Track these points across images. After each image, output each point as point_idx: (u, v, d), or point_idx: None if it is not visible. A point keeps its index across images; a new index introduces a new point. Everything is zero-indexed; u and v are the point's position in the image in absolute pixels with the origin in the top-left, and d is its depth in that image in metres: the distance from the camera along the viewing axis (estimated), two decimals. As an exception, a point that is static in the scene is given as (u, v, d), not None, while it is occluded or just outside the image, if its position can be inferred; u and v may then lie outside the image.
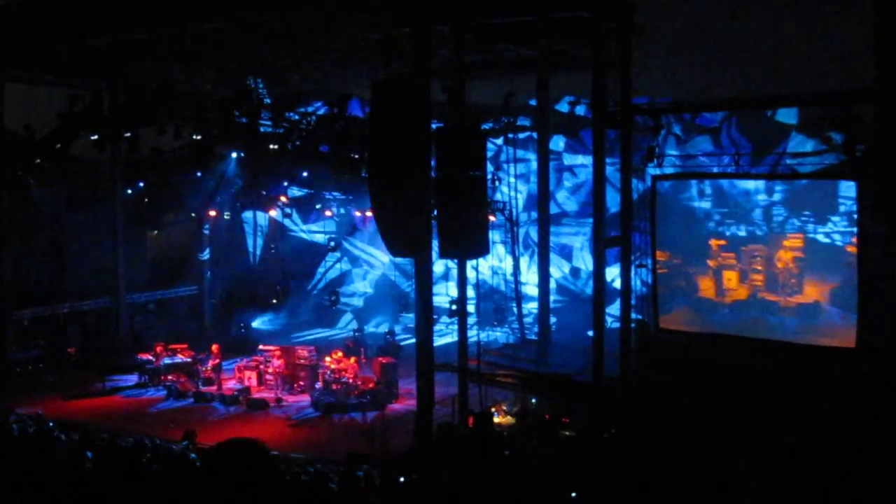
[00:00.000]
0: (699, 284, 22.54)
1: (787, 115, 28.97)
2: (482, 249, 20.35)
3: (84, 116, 24.37)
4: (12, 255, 29.01)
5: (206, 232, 34.84)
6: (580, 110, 32.50)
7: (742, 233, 22.11)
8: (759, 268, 21.82)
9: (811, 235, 21.13)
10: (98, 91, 24.67)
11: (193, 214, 34.59)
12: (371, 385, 25.19)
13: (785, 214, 21.64)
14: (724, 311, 22.30)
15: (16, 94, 27.85)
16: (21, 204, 28.62)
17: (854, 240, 20.20)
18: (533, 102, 27.68)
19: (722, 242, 22.26)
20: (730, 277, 22.28)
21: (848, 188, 20.48)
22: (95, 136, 24.53)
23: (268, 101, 26.83)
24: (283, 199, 33.96)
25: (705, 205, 22.58)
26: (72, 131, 25.12)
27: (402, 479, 14.08)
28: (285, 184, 34.09)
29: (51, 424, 17.66)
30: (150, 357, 27.76)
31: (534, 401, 22.50)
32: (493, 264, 28.48)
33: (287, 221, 36.30)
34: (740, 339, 21.62)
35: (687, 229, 22.66)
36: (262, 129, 26.45)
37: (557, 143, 32.30)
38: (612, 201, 23.66)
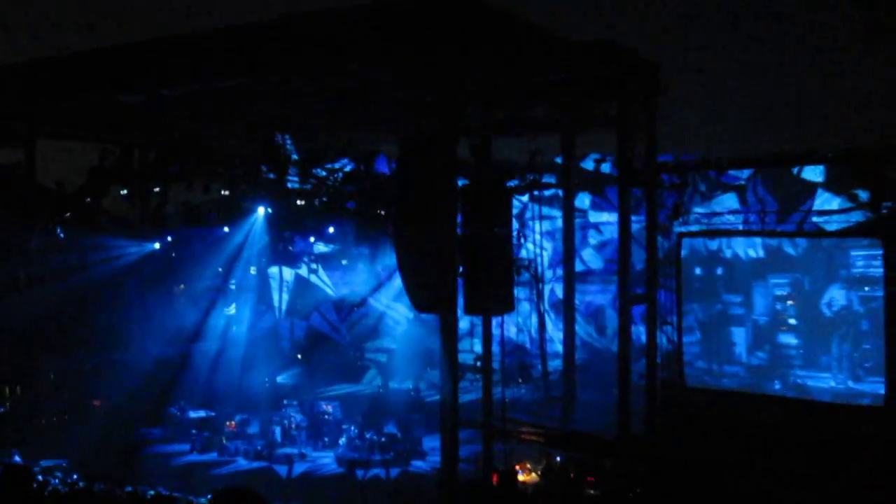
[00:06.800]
0: (724, 341, 22.29)
1: (812, 173, 28.90)
2: (507, 306, 20.30)
3: (114, 171, 24.66)
4: (39, 307, 29.21)
5: (233, 287, 34.96)
6: (606, 168, 32.55)
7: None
8: (792, 321, 20.66)
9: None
10: (128, 146, 24.98)
11: (220, 269, 34.77)
12: (395, 441, 25.12)
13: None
14: (750, 370, 21.66)
15: (47, 149, 28.22)
16: (50, 257, 28.88)
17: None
18: (559, 160, 27.79)
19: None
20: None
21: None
22: (125, 191, 24.80)
23: (295, 157, 27.06)
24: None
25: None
26: (102, 186, 25.42)
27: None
28: (312, 239, 34.29)
29: (75, 476, 17.71)
30: (175, 411, 27.81)
31: (559, 459, 22.36)
32: (518, 321, 28.42)
33: (313, 277, 36.41)
34: (768, 398, 21.33)
35: (709, 280, 22.15)
36: (289, 185, 26.67)
37: (583, 200, 32.36)
38: (638, 258, 23.62)
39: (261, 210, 31.18)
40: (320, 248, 35.00)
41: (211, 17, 37.13)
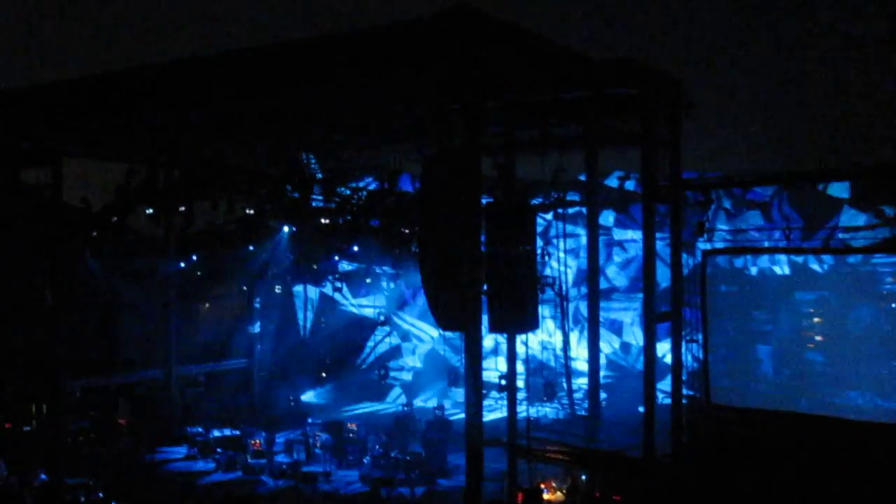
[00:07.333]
0: (751, 358, 22.03)
1: (838, 190, 28.75)
2: (532, 324, 20.27)
3: (140, 191, 24.81)
4: (64, 325, 29.33)
5: (258, 306, 35.04)
6: (630, 185, 32.50)
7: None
8: (819, 338, 20.30)
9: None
10: (154, 166, 25.12)
11: (245, 288, 34.84)
12: (420, 460, 25.06)
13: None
14: (776, 388, 21.36)
15: (73, 169, 28.42)
16: (75, 275, 29.00)
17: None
18: (582, 177, 27.76)
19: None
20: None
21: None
22: (151, 210, 24.94)
23: (319, 176, 27.15)
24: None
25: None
26: (128, 205, 25.57)
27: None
28: (336, 258, 34.34)
29: (101, 495, 17.75)
30: (200, 429, 27.84)
31: (584, 477, 22.25)
32: (542, 339, 28.33)
33: (337, 295, 36.44)
34: (794, 416, 21.08)
35: (734, 297, 21.82)
36: (313, 204, 26.74)
37: (607, 217, 32.30)
38: (663, 276, 23.52)
39: (286, 229, 31.28)
40: (345, 266, 35.07)
41: (234, 40, 37.39)
